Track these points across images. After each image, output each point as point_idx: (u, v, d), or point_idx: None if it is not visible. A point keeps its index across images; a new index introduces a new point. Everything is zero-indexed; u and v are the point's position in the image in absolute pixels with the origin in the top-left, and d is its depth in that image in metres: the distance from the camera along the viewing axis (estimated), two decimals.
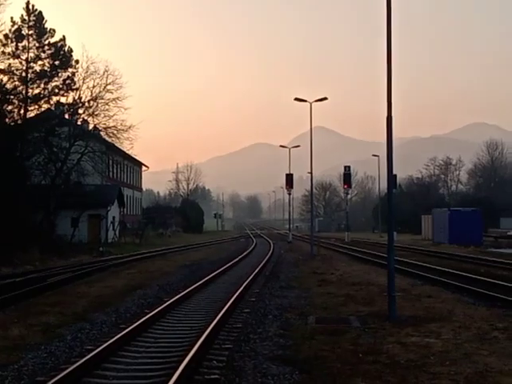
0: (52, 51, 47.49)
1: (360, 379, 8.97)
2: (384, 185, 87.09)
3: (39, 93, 47.42)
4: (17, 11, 47.94)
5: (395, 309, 14.08)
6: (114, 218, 58.45)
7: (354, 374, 9.28)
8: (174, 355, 10.24)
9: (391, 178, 14.85)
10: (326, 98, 46.39)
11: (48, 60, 47.53)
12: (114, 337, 11.08)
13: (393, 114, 14.52)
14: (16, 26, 46.66)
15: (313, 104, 45.64)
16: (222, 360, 9.98)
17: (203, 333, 11.20)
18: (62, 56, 47.78)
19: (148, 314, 13.80)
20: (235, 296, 16.54)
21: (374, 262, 32.07)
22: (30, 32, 47.23)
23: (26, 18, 47.26)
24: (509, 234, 58.31)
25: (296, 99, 46.43)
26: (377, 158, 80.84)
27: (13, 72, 45.91)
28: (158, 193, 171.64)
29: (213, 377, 8.93)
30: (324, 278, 23.63)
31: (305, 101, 46.16)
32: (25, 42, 46.90)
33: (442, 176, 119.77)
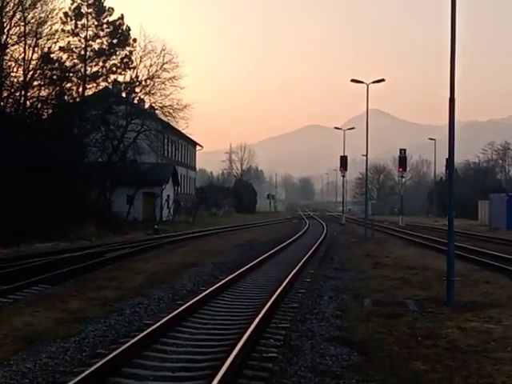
0: (110, 30, 48.03)
1: (420, 362, 8.84)
2: (439, 169, 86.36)
3: (97, 71, 48.08)
4: None
5: (453, 294, 13.86)
6: (168, 196, 59.05)
7: (413, 357, 9.16)
8: (230, 333, 10.28)
9: (452, 162, 14.60)
10: (383, 80, 45.86)
11: (106, 38, 48.11)
12: (171, 313, 11.18)
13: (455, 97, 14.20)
14: (75, 4, 47.35)
15: (369, 85, 45.16)
16: (280, 339, 9.97)
17: (260, 311, 11.21)
18: (119, 34, 48.28)
19: (204, 291, 13.87)
20: (290, 276, 16.50)
21: (429, 246, 31.69)
22: (89, 10, 47.82)
23: None
24: None
25: (352, 80, 45.95)
26: (433, 141, 79.70)
27: (72, 50, 46.60)
28: (212, 173, 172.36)
29: (270, 355, 8.93)
30: (378, 261, 23.43)
31: (362, 82, 45.67)
32: (84, 20, 47.54)
33: (500, 161, 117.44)
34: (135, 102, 51.62)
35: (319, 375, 8.19)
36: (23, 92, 37.61)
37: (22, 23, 36.67)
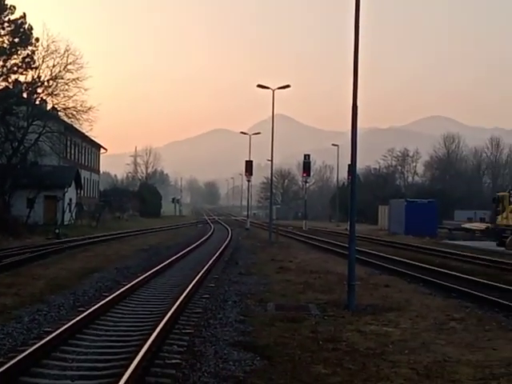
0: (12, 28, 46.52)
1: (321, 366, 9.02)
2: (342, 174, 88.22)
3: None
4: None
5: (354, 297, 14.19)
6: (70, 199, 57.76)
7: (315, 361, 9.33)
8: (134, 339, 10.16)
9: (355, 167, 14.96)
10: (288, 86, 46.49)
11: (7, 37, 46.56)
12: (72, 319, 10.94)
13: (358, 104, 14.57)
14: None
15: (275, 91, 45.67)
16: (183, 345, 9.94)
17: (163, 317, 11.13)
18: (21, 33, 46.83)
19: (107, 297, 13.65)
20: (194, 281, 16.46)
21: (331, 251, 32.35)
22: None
23: None
24: (463, 226, 59.23)
25: (259, 86, 46.42)
26: (336, 147, 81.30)
27: None
28: (116, 176, 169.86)
29: (174, 361, 8.89)
30: (282, 266, 23.72)
31: (267, 88, 46.17)
32: None
33: (399, 167, 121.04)
34: (37, 102, 50.26)
35: (222, 381, 8.22)
36: None
37: None
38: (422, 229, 50.79)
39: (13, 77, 47.68)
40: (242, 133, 75.42)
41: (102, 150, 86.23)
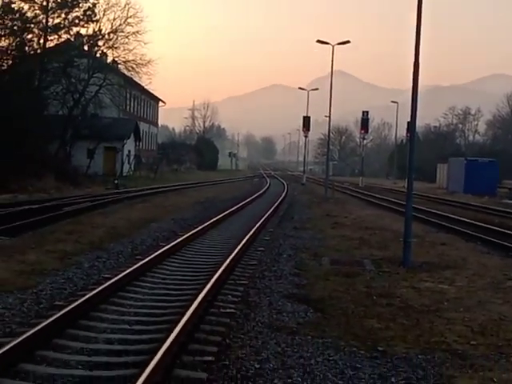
0: None
1: (374, 321, 9.03)
2: (400, 132, 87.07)
3: (59, 23, 47.05)
4: None
5: (410, 254, 14.10)
6: (129, 151, 58.59)
7: (368, 315, 9.34)
8: (189, 288, 10.33)
9: (414, 126, 14.73)
10: (348, 42, 45.78)
11: None
12: (131, 267, 11.18)
13: (420, 61, 14.25)
14: None
15: (334, 47, 45.04)
16: (238, 295, 10.07)
17: (219, 268, 11.27)
18: None
19: (163, 246, 13.88)
20: (250, 234, 16.57)
21: (388, 208, 32.10)
22: None
23: None
24: None
25: (318, 41, 45.80)
26: (395, 104, 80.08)
27: (33, 0, 45.40)
28: (174, 129, 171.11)
29: (228, 311, 9.02)
30: (338, 221, 23.66)
31: (327, 43, 45.53)
32: None
33: (460, 126, 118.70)
34: (98, 55, 50.79)
35: (276, 331, 8.31)
36: None
37: None
38: (481, 188, 49.88)
39: (74, 29, 48.35)
40: (300, 88, 74.81)
41: (160, 104, 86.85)
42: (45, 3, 45.76)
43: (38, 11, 45.47)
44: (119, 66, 50.68)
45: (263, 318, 8.95)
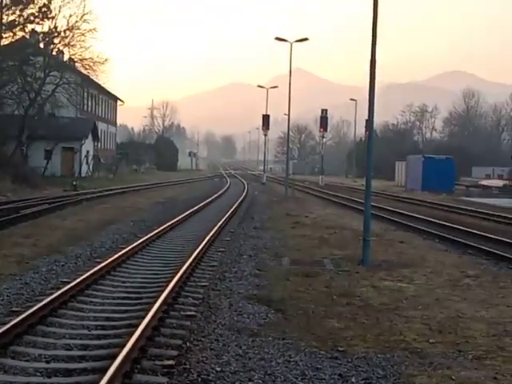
0: None
1: (334, 320, 9.09)
2: (359, 130, 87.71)
3: (14, 20, 46.26)
4: None
5: (369, 253, 14.22)
6: (87, 151, 57.94)
7: (328, 315, 9.40)
8: (150, 291, 10.27)
9: (372, 123, 14.81)
10: (306, 39, 45.91)
11: None
12: (89, 270, 11.06)
13: (376, 58, 14.39)
14: None
15: (293, 44, 45.16)
16: (198, 297, 10.04)
17: (179, 270, 11.22)
18: None
19: (123, 249, 13.76)
20: (210, 235, 16.55)
21: (347, 206, 32.33)
22: None
23: None
24: (480, 183, 58.93)
25: (277, 38, 45.89)
26: (354, 102, 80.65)
27: None
28: (133, 128, 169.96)
29: (189, 313, 8.99)
30: (298, 221, 23.75)
31: (285, 40, 45.63)
32: None
33: (418, 123, 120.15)
34: (54, 53, 50.09)
35: (236, 333, 8.31)
36: None
37: None
38: (439, 185, 50.53)
39: (29, 27, 47.60)
40: (259, 86, 74.93)
41: (119, 103, 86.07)
42: None
43: None
44: (76, 64, 50.06)
45: (224, 319, 8.94)
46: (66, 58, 50.84)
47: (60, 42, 48.71)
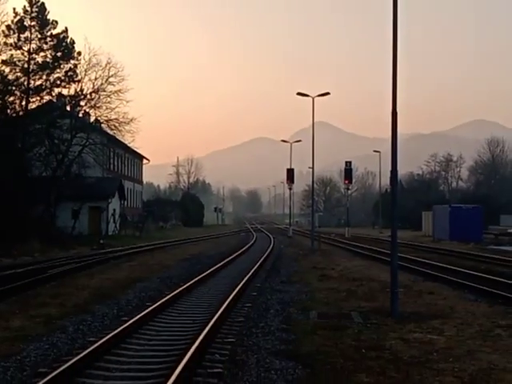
0: (54, 42, 47.49)
1: (364, 375, 8.93)
2: (384, 181, 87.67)
3: (41, 84, 47.41)
4: (19, 2, 47.72)
5: (397, 305, 14.04)
6: (114, 210, 58.45)
7: (357, 369, 9.24)
8: (176, 348, 10.21)
9: (395, 174, 14.77)
10: (328, 93, 46.35)
11: (50, 51, 47.52)
12: (115, 329, 11.04)
13: (397, 110, 14.44)
14: (18, 17, 46.67)
15: (315, 99, 45.58)
16: (225, 354, 9.94)
17: (205, 327, 11.16)
18: (64, 47, 47.77)
19: (149, 306, 13.75)
20: (236, 290, 16.48)
21: (374, 258, 32.07)
22: (33, 23, 47.20)
23: (29, 9, 47.23)
24: (509, 231, 58.19)
25: (298, 94, 46.38)
26: (378, 153, 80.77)
27: (15, 63, 45.92)
28: (159, 186, 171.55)
29: (216, 370, 8.90)
30: (325, 273, 23.60)
31: (307, 95, 46.09)
32: (27, 33, 46.87)
33: (443, 173, 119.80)
34: (80, 115, 51.07)
35: None
36: None
37: None
38: (467, 235, 50.08)
39: (56, 90, 48.70)
40: (282, 141, 75.46)
41: (144, 161, 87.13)
42: (26, 66, 46.27)
43: (19, 74, 45.96)
44: (102, 125, 50.92)
45: (251, 376, 8.83)
46: (92, 119, 51.78)
47: (86, 104, 49.74)
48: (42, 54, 47.37)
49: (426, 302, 15.90)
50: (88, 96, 48.84)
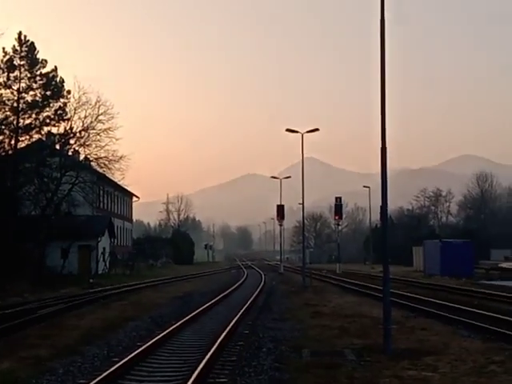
0: (44, 81, 47.60)
1: None
2: (375, 216, 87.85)
3: (30, 123, 47.43)
4: (9, 41, 47.98)
5: (390, 342, 13.94)
6: (104, 249, 58.13)
7: None
8: None
9: (385, 209, 14.80)
10: (317, 129, 46.53)
11: (40, 90, 47.62)
12: (106, 371, 10.90)
13: (386, 145, 14.51)
14: (8, 57, 46.81)
15: (304, 135, 45.77)
16: None
17: (197, 367, 11.04)
18: (53, 86, 47.89)
19: (140, 347, 13.61)
20: (228, 328, 16.36)
21: (366, 294, 31.95)
22: (22, 62, 47.35)
23: (18, 48, 47.40)
24: (500, 265, 58.27)
25: (287, 130, 46.57)
26: (367, 189, 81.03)
27: (4, 102, 45.97)
28: (149, 224, 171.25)
29: None
30: (317, 310, 23.48)
31: (296, 132, 46.26)
32: (16, 73, 46.98)
33: (433, 208, 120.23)
34: (69, 153, 51.03)
35: None
36: None
37: None
38: (458, 269, 49.98)
39: (45, 129, 48.68)
40: (272, 177, 75.86)
41: (134, 198, 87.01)
42: (15, 104, 46.30)
43: (8, 113, 45.97)
44: (91, 163, 50.82)
45: None
46: (81, 157, 51.71)
47: (76, 143, 49.65)
48: (31, 92, 47.46)
49: (419, 339, 15.81)
50: (77, 134, 48.81)
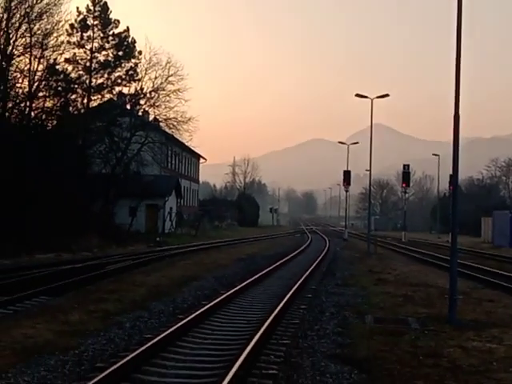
0: (116, 42, 48.24)
1: (421, 382, 8.77)
2: (443, 185, 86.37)
3: (102, 83, 48.26)
4: (83, 1, 48.67)
5: (456, 312, 13.76)
6: (171, 208, 59.01)
7: (414, 376, 9.08)
8: (231, 348, 10.21)
9: (456, 179, 14.49)
10: (387, 95, 45.86)
11: (112, 50, 48.30)
12: (172, 326, 11.11)
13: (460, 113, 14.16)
14: (81, 17, 47.61)
15: (373, 101, 45.15)
16: (280, 355, 9.89)
17: (260, 327, 11.13)
18: (125, 47, 48.48)
19: (205, 305, 13.80)
20: (292, 291, 16.42)
21: (432, 263, 31.60)
22: (95, 22, 48.06)
23: (92, 8, 48.12)
24: None
25: (357, 95, 46.00)
26: (436, 157, 79.57)
27: (77, 62, 46.83)
28: (215, 185, 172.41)
29: (270, 372, 8.85)
30: (381, 277, 23.33)
31: (366, 97, 45.67)
32: (89, 32, 47.77)
33: (504, 178, 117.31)
34: (139, 114, 51.76)
35: None
36: (28, 103, 37.63)
37: (28, 34, 36.69)
38: None
39: (117, 89, 49.51)
40: (340, 142, 75.06)
41: (201, 160, 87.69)
42: (88, 64, 47.11)
43: (81, 72, 46.84)
44: (160, 123, 51.48)
45: (306, 379, 8.75)
46: (151, 117, 52.39)
47: (146, 103, 50.37)
48: (103, 52, 48.23)
49: (485, 310, 15.55)
50: (148, 95, 49.50)
